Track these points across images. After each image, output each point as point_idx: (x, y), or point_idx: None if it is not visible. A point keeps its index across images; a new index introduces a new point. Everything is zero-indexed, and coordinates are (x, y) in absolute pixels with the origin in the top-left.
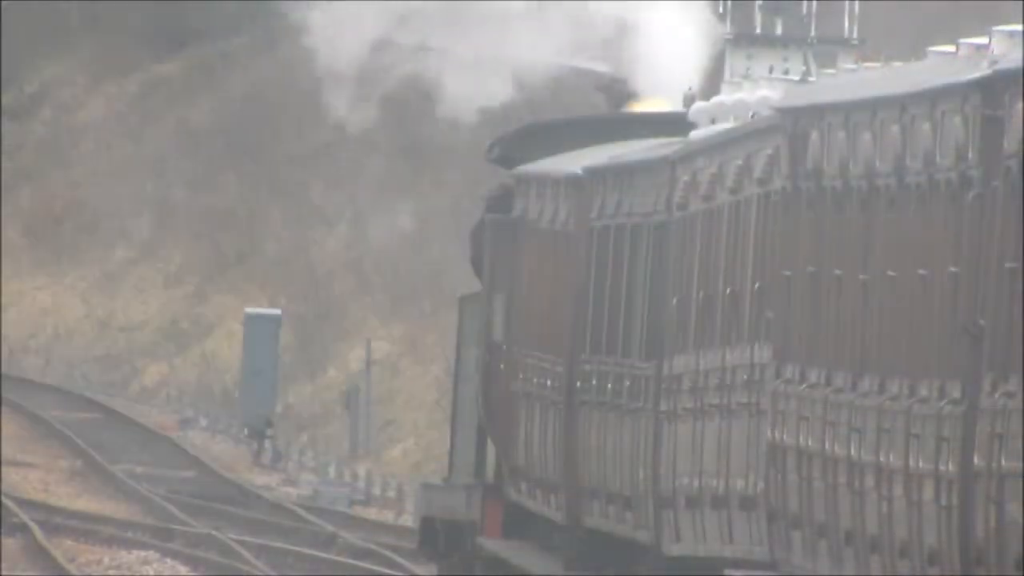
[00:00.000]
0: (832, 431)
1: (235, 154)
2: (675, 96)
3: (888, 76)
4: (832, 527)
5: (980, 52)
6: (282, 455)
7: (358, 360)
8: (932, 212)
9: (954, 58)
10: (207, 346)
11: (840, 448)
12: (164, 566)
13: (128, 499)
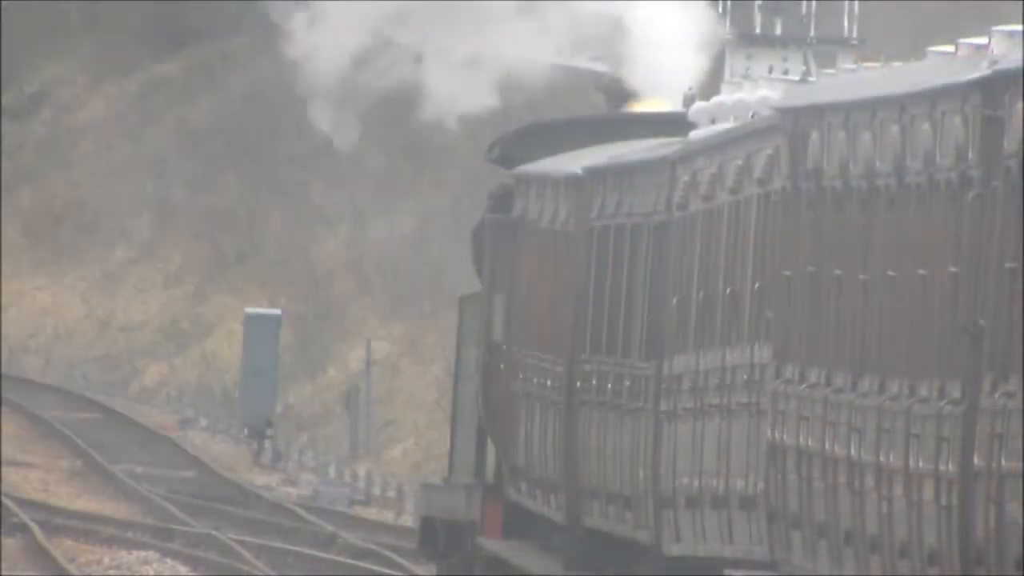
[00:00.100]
0: (832, 431)
1: (235, 154)
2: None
3: (888, 76)
4: (832, 527)
5: (980, 52)
6: (282, 455)
7: (358, 360)
8: (932, 212)
9: (954, 58)
10: (207, 346)
11: (840, 448)
12: (164, 566)
13: (128, 499)
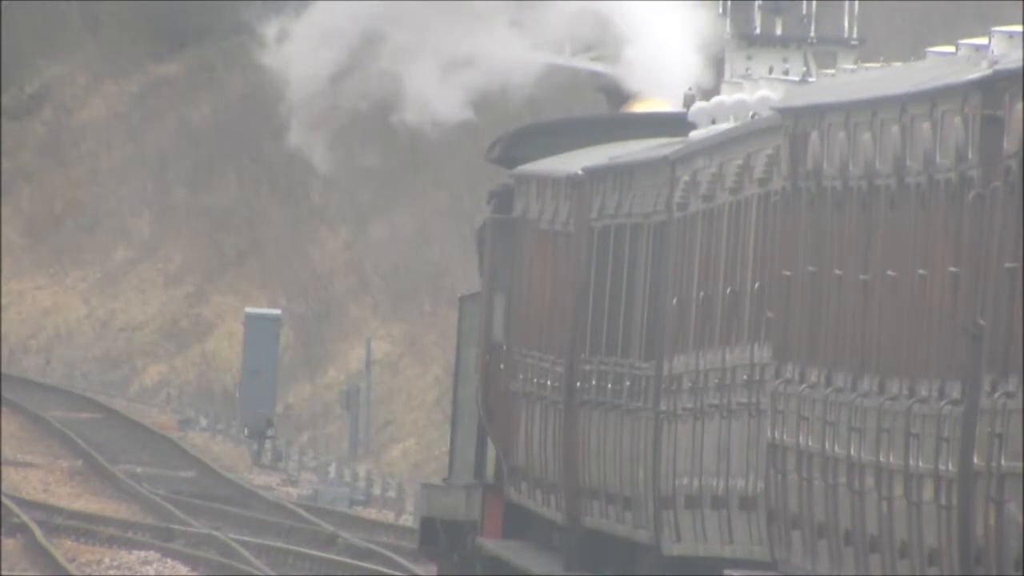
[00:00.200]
0: (832, 431)
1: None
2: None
3: (888, 76)
4: (832, 527)
5: (980, 52)
6: (282, 455)
7: (358, 360)
8: (932, 212)
9: (954, 58)
10: (207, 346)
11: (840, 448)
12: (164, 566)
13: (128, 499)
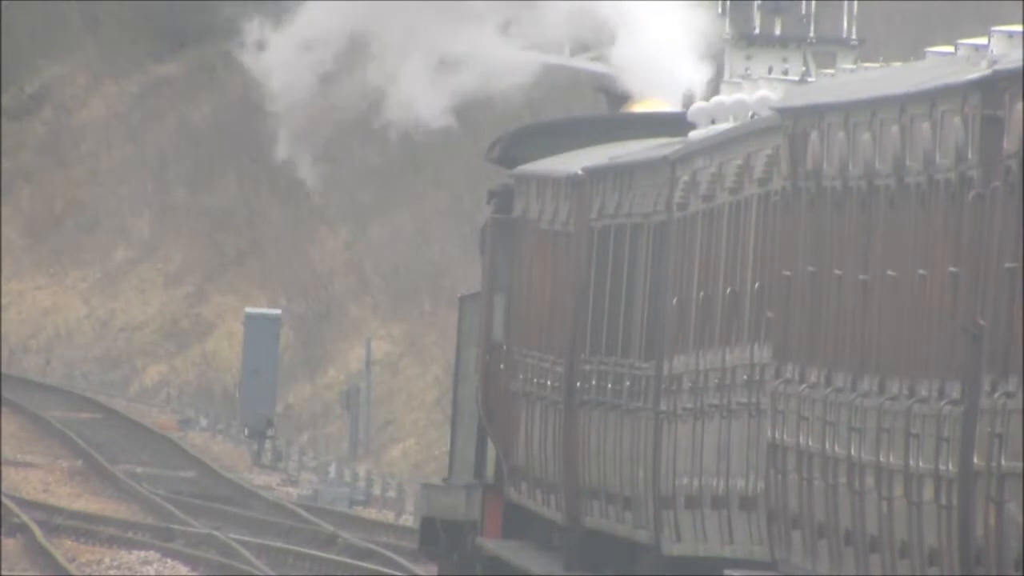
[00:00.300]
0: (832, 431)
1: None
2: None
3: (888, 76)
4: (832, 527)
5: (980, 52)
6: (282, 455)
7: (358, 360)
8: (932, 212)
9: (954, 58)
10: (207, 346)
11: (840, 448)
12: (164, 566)
13: (128, 499)
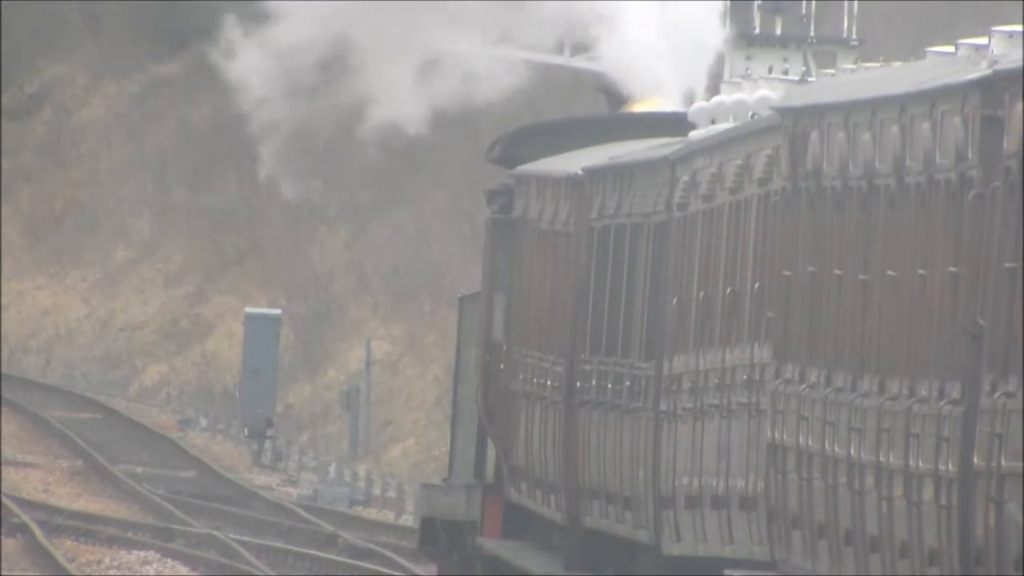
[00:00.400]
0: (832, 431)
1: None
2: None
3: (888, 76)
4: (832, 527)
5: (980, 52)
6: (282, 455)
7: (358, 360)
8: (932, 212)
9: (954, 58)
10: (207, 346)
11: (840, 448)
12: (164, 566)
13: (128, 499)
